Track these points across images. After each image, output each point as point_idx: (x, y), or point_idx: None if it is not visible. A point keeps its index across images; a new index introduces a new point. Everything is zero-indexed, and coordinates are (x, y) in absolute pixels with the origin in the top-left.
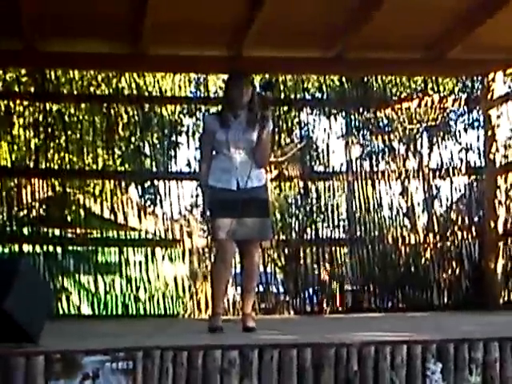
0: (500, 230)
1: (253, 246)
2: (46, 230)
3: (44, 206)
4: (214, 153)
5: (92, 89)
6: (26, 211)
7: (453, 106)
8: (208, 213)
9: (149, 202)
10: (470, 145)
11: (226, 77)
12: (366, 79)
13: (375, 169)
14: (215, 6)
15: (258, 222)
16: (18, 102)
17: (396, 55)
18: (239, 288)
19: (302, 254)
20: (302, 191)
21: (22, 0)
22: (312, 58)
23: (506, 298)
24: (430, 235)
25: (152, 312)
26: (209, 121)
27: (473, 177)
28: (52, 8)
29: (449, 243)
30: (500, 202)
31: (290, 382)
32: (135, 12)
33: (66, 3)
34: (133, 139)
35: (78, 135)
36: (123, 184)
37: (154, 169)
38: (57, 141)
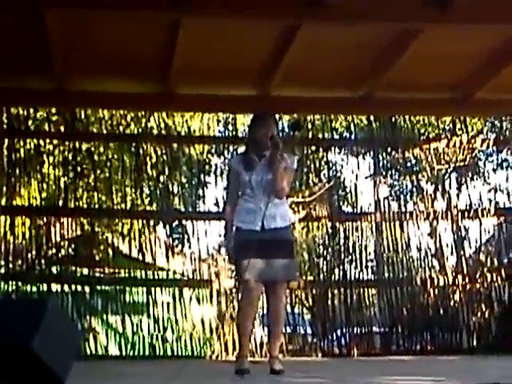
0: None
1: (279, 287)
2: (74, 269)
3: (72, 245)
4: (239, 193)
5: (121, 128)
6: (54, 250)
7: (481, 146)
8: (233, 254)
9: (177, 242)
10: (499, 185)
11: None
12: (393, 119)
13: (403, 209)
14: (243, 47)
15: (284, 263)
16: (47, 140)
17: (423, 95)
18: (266, 329)
19: (329, 295)
20: (329, 231)
21: (52, 41)
22: (339, 98)
23: None
24: (459, 277)
25: (179, 353)
26: (233, 163)
27: (502, 218)
28: (81, 49)
29: (478, 285)
30: None
31: None
32: (164, 53)
33: (95, 44)
34: (161, 178)
35: (107, 174)
36: (151, 223)
37: (182, 208)
38: (86, 180)
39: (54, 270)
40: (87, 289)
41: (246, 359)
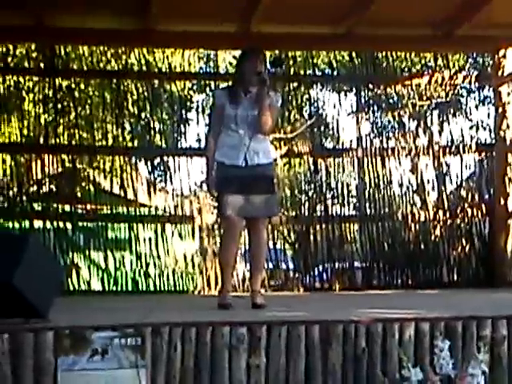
0: (510, 207)
1: (260, 222)
2: (56, 205)
3: (54, 182)
4: (222, 128)
5: (101, 65)
6: (36, 187)
7: (463, 82)
8: (214, 189)
9: (159, 179)
10: (481, 122)
11: (235, 53)
12: (375, 55)
13: (385, 145)
14: None
15: (265, 199)
16: (27, 77)
17: (406, 31)
18: (249, 265)
19: (311, 231)
20: (311, 168)
21: None
22: (321, 34)
23: None
24: (440, 212)
25: (162, 288)
26: (219, 95)
27: (483, 154)
28: None
29: (459, 220)
30: (510, 180)
31: (298, 358)
32: None
33: None
34: (142, 115)
35: (88, 111)
36: (133, 160)
37: (164, 145)
38: (67, 117)
39: (35, 206)
40: (69, 225)
41: (228, 294)
